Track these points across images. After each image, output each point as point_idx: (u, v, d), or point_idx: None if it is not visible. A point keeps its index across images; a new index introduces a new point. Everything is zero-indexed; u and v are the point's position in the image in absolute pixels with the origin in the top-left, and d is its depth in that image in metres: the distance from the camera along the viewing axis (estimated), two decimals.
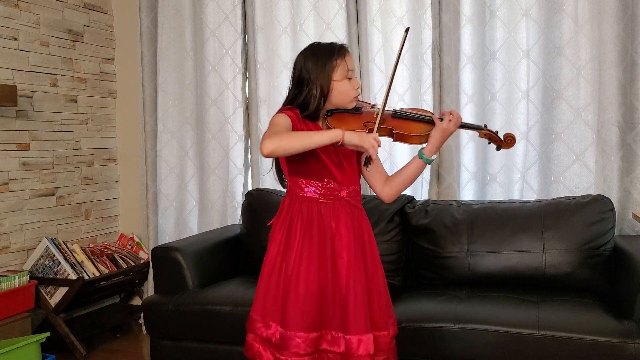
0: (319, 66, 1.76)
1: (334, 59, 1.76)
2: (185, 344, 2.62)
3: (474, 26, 2.97)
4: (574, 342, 2.05)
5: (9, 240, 3.22)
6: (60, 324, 3.15)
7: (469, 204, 2.80)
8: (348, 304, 1.73)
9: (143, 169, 3.61)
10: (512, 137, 1.87)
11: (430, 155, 1.83)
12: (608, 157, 2.77)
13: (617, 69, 2.72)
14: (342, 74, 1.78)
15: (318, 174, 1.78)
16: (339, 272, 1.75)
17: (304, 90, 1.78)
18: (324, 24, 3.25)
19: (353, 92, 1.81)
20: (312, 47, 1.82)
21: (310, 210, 1.77)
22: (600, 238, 2.54)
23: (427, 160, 1.83)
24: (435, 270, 2.72)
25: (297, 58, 1.82)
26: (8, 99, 3.03)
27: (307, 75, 1.77)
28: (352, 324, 1.72)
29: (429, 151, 1.82)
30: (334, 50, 1.78)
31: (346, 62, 1.78)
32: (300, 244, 1.75)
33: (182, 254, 2.75)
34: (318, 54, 1.78)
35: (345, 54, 1.79)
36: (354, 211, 1.82)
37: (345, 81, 1.78)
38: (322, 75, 1.76)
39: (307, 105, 1.78)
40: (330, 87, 1.77)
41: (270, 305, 1.76)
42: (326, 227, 1.76)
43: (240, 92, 3.47)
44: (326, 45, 1.81)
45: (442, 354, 2.21)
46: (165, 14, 3.55)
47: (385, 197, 1.93)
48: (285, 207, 1.82)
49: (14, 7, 3.23)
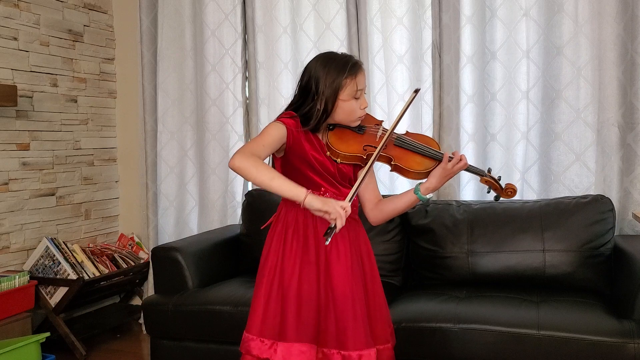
0: (327, 81, 1.68)
1: (344, 77, 1.68)
2: (185, 344, 2.62)
3: (474, 26, 2.97)
4: (574, 342, 2.05)
5: (9, 240, 3.22)
6: (60, 324, 3.15)
7: (469, 204, 2.80)
8: (346, 318, 1.68)
9: (143, 169, 3.61)
10: (513, 188, 1.81)
11: (427, 194, 1.75)
12: (608, 157, 2.77)
13: (617, 69, 2.72)
14: (350, 94, 1.70)
15: (314, 184, 1.73)
16: (334, 286, 1.70)
17: (308, 101, 1.71)
18: (324, 24, 3.25)
19: (359, 112, 1.73)
20: (326, 57, 1.73)
21: (305, 220, 1.72)
22: (600, 238, 2.53)
23: (422, 198, 1.76)
24: (435, 270, 2.72)
25: (310, 63, 1.74)
26: (8, 99, 3.03)
27: (314, 86, 1.69)
28: (350, 339, 1.66)
29: (427, 189, 1.74)
30: (346, 67, 1.69)
31: (356, 81, 1.70)
32: (297, 255, 1.71)
33: (182, 254, 2.75)
34: (330, 67, 1.69)
35: (358, 72, 1.70)
36: (351, 223, 1.75)
37: (352, 101, 1.71)
38: (328, 91, 1.68)
39: (308, 119, 1.71)
40: (335, 105, 1.70)
41: (271, 321, 1.70)
42: (321, 236, 1.70)
43: (240, 92, 3.47)
44: (341, 58, 1.72)
45: (442, 354, 2.21)
46: (165, 14, 3.55)
47: (372, 220, 1.88)
48: (281, 217, 1.77)
49: (14, 7, 3.23)
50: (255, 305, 1.75)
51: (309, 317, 1.69)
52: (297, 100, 1.75)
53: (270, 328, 1.70)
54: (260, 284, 1.76)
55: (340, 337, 1.68)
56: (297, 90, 1.76)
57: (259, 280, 1.77)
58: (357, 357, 1.66)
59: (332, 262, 1.71)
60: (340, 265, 1.71)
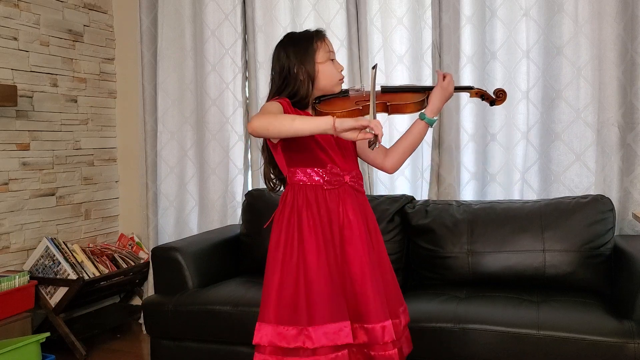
0: (301, 51, 1.75)
1: (314, 42, 1.77)
2: (185, 344, 2.62)
3: (474, 26, 2.97)
4: (574, 342, 2.05)
5: (9, 240, 3.22)
6: (60, 324, 3.15)
7: (469, 204, 2.80)
8: (366, 292, 1.67)
9: (143, 169, 3.61)
10: (502, 91, 1.89)
11: (432, 116, 1.81)
12: (608, 157, 2.77)
13: (617, 69, 2.72)
14: (325, 55, 1.78)
15: (320, 160, 1.74)
16: (349, 262, 1.69)
17: (290, 79, 1.76)
18: (324, 24, 3.25)
19: (337, 74, 1.80)
20: (288, 36, 1.82)
21: (317, 198, 1.72)
22: (600, 238, 2.53)
23: (429, 120, 1.81)
24: (435, 270, 2.72)
25: (275, 51, 1.81)
26: (8, 99, 3.03)
27: (290, 63, 1.75)
28: (372, 312, 1.67)
29: (431, 111, 1.81)
30: (312, 33, 1.79)
31: (326, 43, 1.79)
32: (315, 235, 1.68)
33: (182, 254, 2.75)
34: (297, 41, 1.78)
35: (324, 36, 1.80)
36: (359, 196, 1.79)
37: (329, 63, 1.78)
38: (306, 60, 1.75)
39: (296, 92, 1.76)
40: (315, 69, 1.76)
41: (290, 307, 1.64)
42: (334, 214, 1.71)
43: (240, 92, 3.47)
44: (302, 32, 1.82)
45: (442, 354, 2.21)
46: (165, 14, 3.55)
47: (389, 167, 1.92)
48: (288, 201, 1.74)
49: (14, 7, 3.23)
50: (270, 294, 1.68)
51: (339, 294, 1.67)
52: (277, 84, 1.78)
53: (289, 315, 1.64)
54: (274, 272, 1.69)
55: (362, 311, 1.68)
56: (273, 77, 1.81)
57: (272, 269, 1.70)
58: (381, 329, 1.66)
59: (346, 238, 1.72)
60: (354, 240, 1.71)
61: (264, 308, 1.70)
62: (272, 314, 1.67)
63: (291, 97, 1.76)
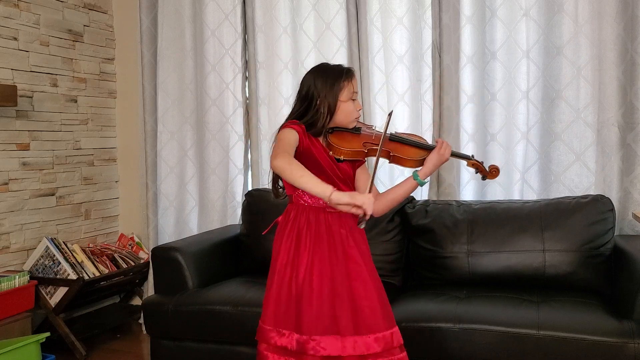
0: (327, 85, 1.85)
1: (342, 80, 1.86)
2: (185, 344, 2.62)
3: (474, 26, 2.97)
4: (574, 342, 2.05)
5: (9, 240, 3.22)
6: (60, 324, 3.15)
7: (469, 204, 2.80)
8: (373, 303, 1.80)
9: (143, 169, 3.61)
10: (496, 168, 2.01)
11: (424, 178, 1.92)
12: (608, 157, 2.77)
13: (617, 69, 2.72)
14: (348, 95, 1.87)
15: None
16: (353, 278, 1.81)
17: (312, 107, 1.86)
18: (324, 24, 3.25)
19: (355, 113, 1.90)
20: (321, 67, 1.92)
21: (318, 220, 1.84)
22: (600, 238, 2.53)
23: (420, 182, 1.91)
24: (435, 270, 2.72)
25: (306, 76, 1.91)
26: (8, 99, 3.03)
27: (315, 92, 1.85)
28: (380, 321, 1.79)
29: (424, 174, 1.91)
30: (342, 72, 1.88)
31: (352, 84, 1.89)
32: (312, 252, 1.81)
33: (182, 254, 2.75)
34: (327, 74, 1.87)
35: (352, 77, 1.90)
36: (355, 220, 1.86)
37: (350, 102, 1.88)
38: (330, 94, 1.85)
39: (314, 122, 1.86)
40: (337, 106, 1.86)
41: (283, 314, 1.82)
42: (335, 234, 1.83)
43: (240, 92, 3.47)
44: (335, 66, 1.91)
45: (442, 354, 2.21)
46: (165, 14, 3.55)
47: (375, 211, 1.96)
48: (291, 219, 1.88)
49: (14, 7, 3.23)
50: (267, 299, 1.88)
51: (327, 308, 1.79)
52: (298, 109, 1.90)
53: (283, 321, 1.82)
54: (272, 279, 1.87)
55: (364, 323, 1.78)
56: (297, 100, 1.91)
57: (271, 275, 1.89)
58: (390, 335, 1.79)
59: (349, 255, 1.83)
60: (357, 257, 1.84)
61: (264, 312, 1.89)
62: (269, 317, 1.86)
63: (308, 124, 1.86)
